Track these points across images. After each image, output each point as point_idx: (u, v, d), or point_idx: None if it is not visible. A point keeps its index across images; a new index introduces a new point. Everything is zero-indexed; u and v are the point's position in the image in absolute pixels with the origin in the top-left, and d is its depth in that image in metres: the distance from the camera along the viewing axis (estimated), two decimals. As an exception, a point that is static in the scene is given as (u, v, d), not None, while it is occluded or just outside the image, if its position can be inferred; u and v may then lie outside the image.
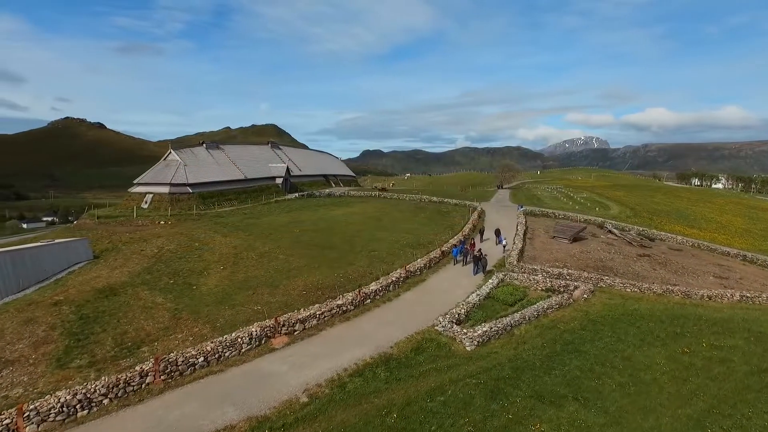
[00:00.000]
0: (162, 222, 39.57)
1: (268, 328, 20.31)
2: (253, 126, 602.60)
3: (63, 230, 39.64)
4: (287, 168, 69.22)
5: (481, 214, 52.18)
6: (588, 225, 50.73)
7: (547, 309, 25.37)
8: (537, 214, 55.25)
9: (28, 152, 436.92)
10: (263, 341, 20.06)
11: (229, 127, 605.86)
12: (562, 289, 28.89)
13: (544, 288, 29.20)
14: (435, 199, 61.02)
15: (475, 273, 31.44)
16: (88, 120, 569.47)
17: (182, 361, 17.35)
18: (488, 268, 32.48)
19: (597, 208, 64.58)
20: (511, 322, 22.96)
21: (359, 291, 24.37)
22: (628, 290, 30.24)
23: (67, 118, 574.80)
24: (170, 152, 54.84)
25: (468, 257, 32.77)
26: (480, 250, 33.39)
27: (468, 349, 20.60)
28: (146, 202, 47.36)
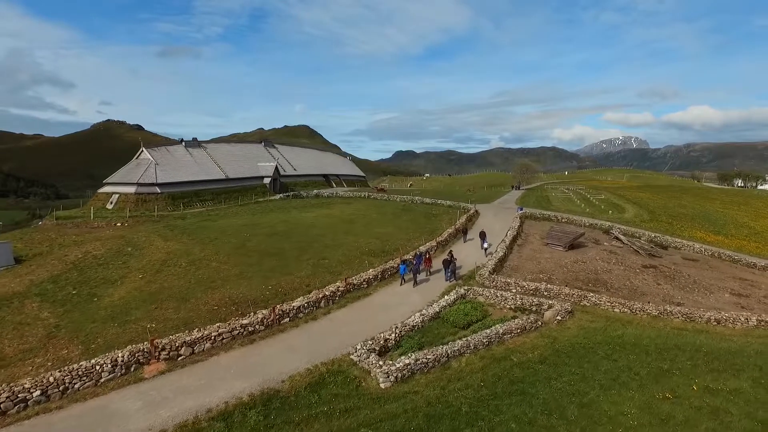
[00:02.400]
0: (119, 224, 37.39)
1: (140, 353, 17.02)
2: (286, 127, 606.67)
3: (21, 232, 37.95)
4: (276, 167, 66.36)
5: (473, 217, 47.50)
6: (593, 230, 45.18)
7: (504, 334, 20.89)
8: (537, 217, 49.91)
9: (71, 153, 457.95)
10: (133, 369, 16.77)
11: (262, 128, 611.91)
12: (534, 308, 24.32)
13: (512, 306, 24.71)
14: (428, 200, 56.61)
15: (447, 279, 27.94)
16: (127, 122, 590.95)
17: (8, 397, 14.25)
18: (461, 273, 29.14)
19: (610, 211, 58.37)
20: (449, 351, 18.73)
21: (274, 308, 20.74)
22: (617, 310, 25.31)
23: (108, 120, 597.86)
24: (142, 150, 52.37)
25: (419, 276, 27.51)
26: (451, 252, 29.61)
27: (382, 386, 16.58)
28: (111, 203, 45.31)
